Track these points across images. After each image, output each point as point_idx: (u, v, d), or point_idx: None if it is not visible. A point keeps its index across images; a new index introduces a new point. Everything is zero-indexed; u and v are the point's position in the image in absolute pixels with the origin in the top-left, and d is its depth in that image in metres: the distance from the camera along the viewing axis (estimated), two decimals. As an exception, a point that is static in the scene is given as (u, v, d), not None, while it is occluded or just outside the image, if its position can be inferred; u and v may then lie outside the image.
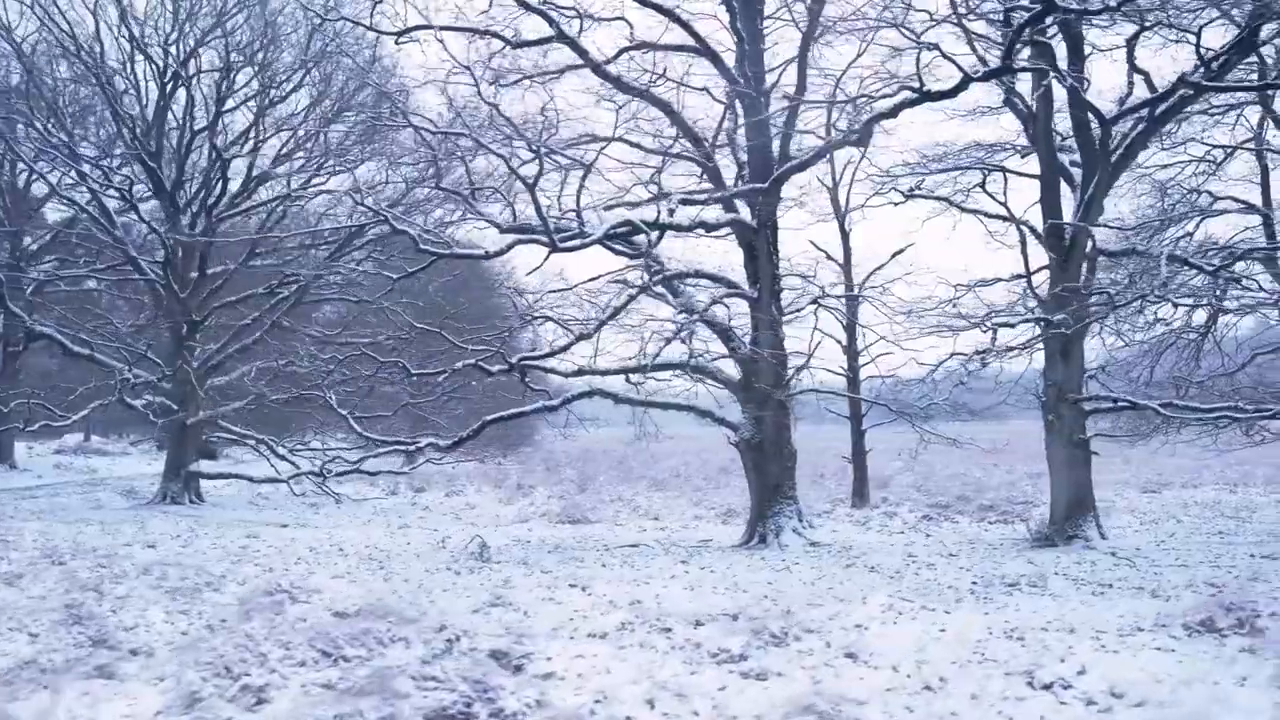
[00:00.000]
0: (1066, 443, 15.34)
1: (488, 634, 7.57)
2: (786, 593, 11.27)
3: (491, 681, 6.20)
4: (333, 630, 7.35)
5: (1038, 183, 15.93)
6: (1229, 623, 7.86)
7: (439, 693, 5.91)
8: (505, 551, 15.53)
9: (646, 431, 19.84)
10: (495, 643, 7.33)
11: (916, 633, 8.33)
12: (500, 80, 16.35)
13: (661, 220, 13.16)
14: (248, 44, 23.58)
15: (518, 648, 7.28)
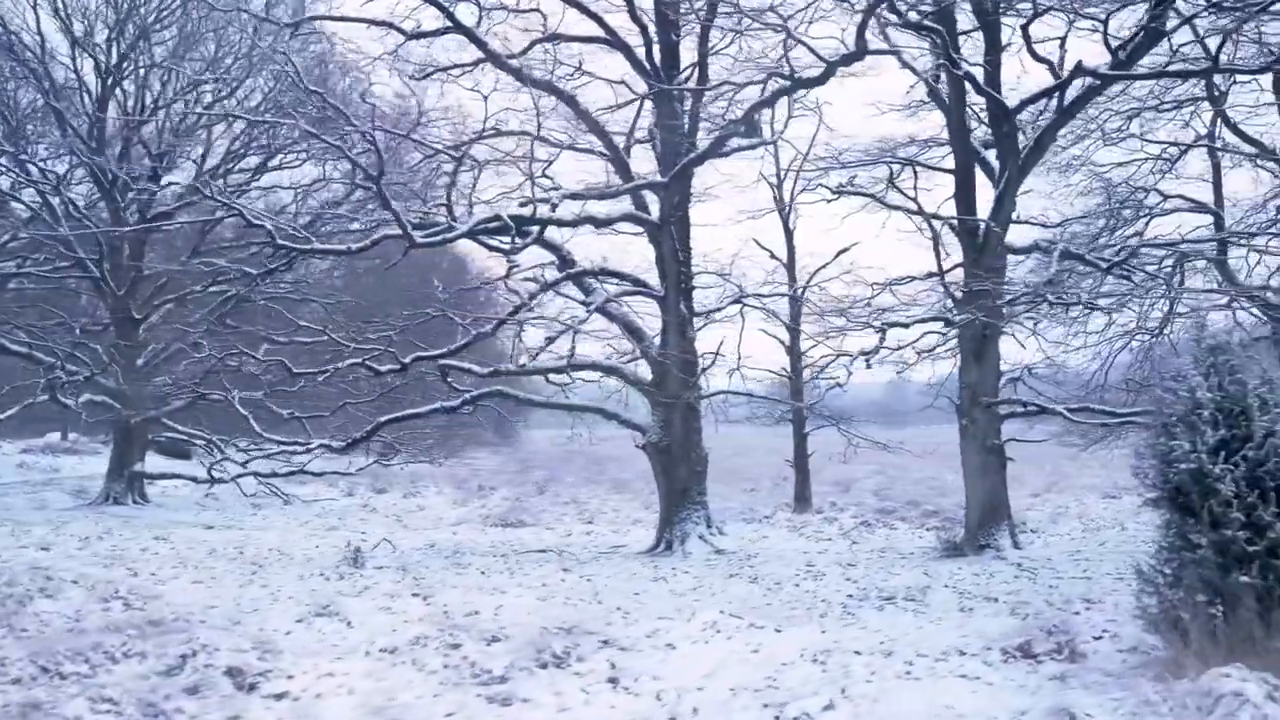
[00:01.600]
0: (980, 448, 14.75)
1: (231, 649, 7.12)
2: (646, 605, 10.80)
3: (177, 704, 5.75)
4: (67, 644, 6.94)
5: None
6: (1047, 648, 7.31)
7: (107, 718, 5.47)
8: (399, 557, 15.09)
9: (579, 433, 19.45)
10: (238, 659, 6.89)
11: (723, 654, 7.83)
12: (415, 75, 16.04)
13: (540, 216, 12.68)
14: (179, 43, 23.30)
15: (260, 664, 6.85)
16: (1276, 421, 6.72)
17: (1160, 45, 13.14)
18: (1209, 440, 6.74)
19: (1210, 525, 6.64)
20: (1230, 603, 6.60)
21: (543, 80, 15.21)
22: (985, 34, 14.74)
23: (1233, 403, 6.77)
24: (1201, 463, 6.68)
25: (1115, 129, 21.17)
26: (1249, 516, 6.54)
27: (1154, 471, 7.11)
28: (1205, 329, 7.24)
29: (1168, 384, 7.28)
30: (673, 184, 14.59)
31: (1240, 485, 6.60)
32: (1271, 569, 6.46)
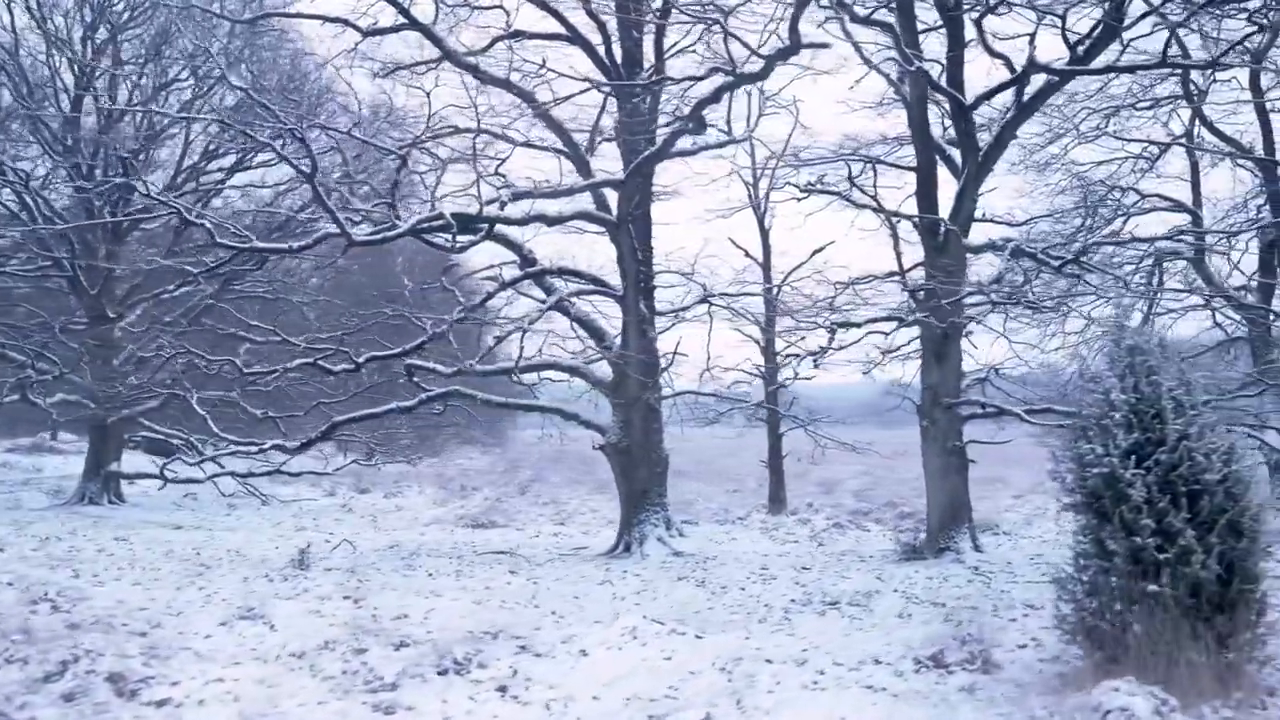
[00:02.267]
0: (941, 450, 14.52)
1: (117, 654, 6.94)
2: (584, 609, 10.61)
3: (38, 713, 5.58)
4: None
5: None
6: (960, 657, 7.10)
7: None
8: (355, 558, 14.90)
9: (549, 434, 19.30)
10: (123, 665, 6.72)
11: (634, 661, 7.64)
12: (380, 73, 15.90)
13: (487, 214, 12.49)
14: (150, 43, 23.18)
15: (145, 670, 6.67)
16: (1192, 424, 6.51)
17: (1140, 42, 12.86)
18: (1120, 444, 6.53)
19: (1122, 531, 6.43)
20: (1143, 612, 6.40)
21: (500, 78, 15.02)
22: (948, 29, 14.52)
23: (1147, 405, 6.56)
24: (1113, 467, 6.48)
25: (1093, 127, 21.08)
26: (1160, 522, 6.33)
27: (1070, 475, 6.91)
28: (1124, 329, 6.99)
29: (1085, 385, 7.06)
30: (629, 182, 14.39)
31: (1152, 490, 6.38)
32: (1182, 577, 6.24)
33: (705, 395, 16.32)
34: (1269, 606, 6.51)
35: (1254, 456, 6.86)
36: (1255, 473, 6.63)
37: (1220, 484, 6.34)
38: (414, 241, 15.37)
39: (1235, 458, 6.42)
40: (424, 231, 12.28)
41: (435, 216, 11.98)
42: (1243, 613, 6.32)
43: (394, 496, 29.96)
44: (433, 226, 12.32)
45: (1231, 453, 6.42)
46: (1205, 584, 6.21)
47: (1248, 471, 6.49)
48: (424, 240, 13.38)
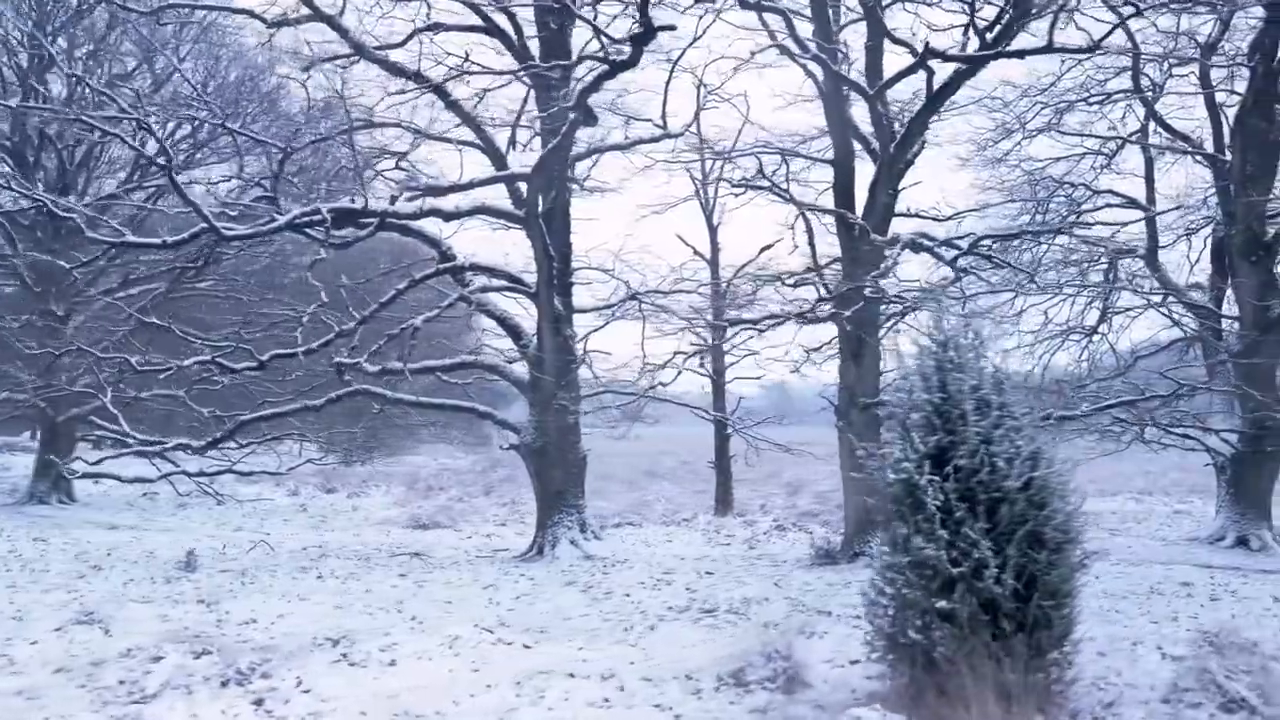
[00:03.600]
0: (855, 451, 14.05)
1: None
2: (451, 614, 10.23)
3: None
4: None
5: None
6: (763, 675, 6.67)
7: None
8: (260, 559, 14.58)
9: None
10: None
11: (437, 673, 7.30)
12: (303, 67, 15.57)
13: (373, 209, 12.10)
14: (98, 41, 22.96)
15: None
16: (999, 426, 6.06)
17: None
18: (919, 447, 6.10)
19: (919, 542, 6.00)
20: (943, 630, 5.96)
21: (410, 70, 14.65)
22: (867, 21, 14.07)
23: (951, 405, 6.12)
24: (909, 472, 6.05)
25: (1046, 122, 20.56)
26: (956, 533, 5.89)
27: (881, 481, 6.49)
28: (941, 321, 6.53)
29: (899, 383, 6.64)
30: (535, 177, 13.99)
31: (950, 498, 5.95)
32: (975, 593, 5.80)
33: (627, 394, 15.88)
34: (1075, 624, 6.07)
35: (1072, 460, 6.32)
36: (1068, 480, 6.17)
37: (1021, 491, 5.89)
38: (404, 238, 15.06)
39: (1042, 462, 5.97)
40: (303, 227, 11.93)
41: (312, 211, 11.62)
42: (1045, 631, 5.88)
43: (356, 496, 29.70)
44: (313, 221, 11.98)
45: (1036, 457, 5.97)
46: (1000, 600, 5.77)
47: (1057, 478, 6.03)
48: (307, 235, 13.02)
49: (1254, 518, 15.59)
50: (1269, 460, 15.69)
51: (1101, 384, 19.29)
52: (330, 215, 11.42)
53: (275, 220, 11.68)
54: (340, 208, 11.92)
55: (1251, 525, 15.55)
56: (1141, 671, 6.96)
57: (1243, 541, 15.54)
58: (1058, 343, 21.17)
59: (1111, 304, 20.78)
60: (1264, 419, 15.33)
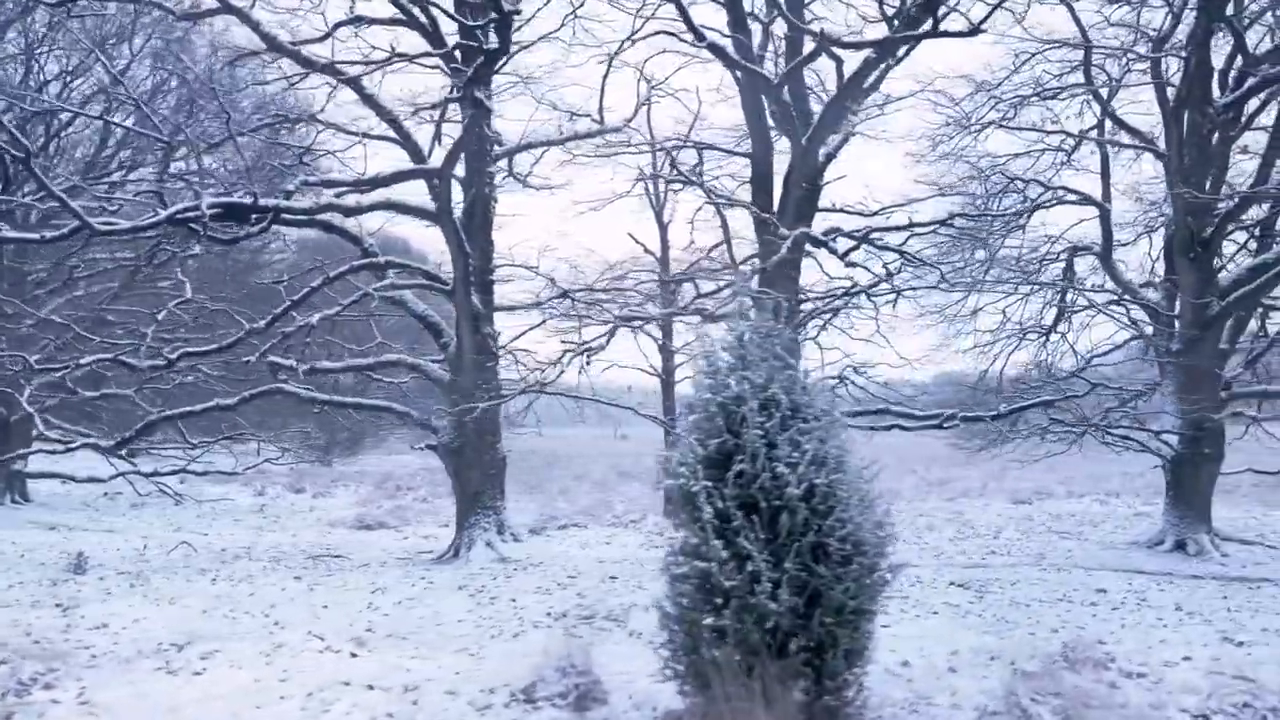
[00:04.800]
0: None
1: None
2: (321, 620, 9.95)
3: None
4: None
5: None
6: (554, 691, 6.33)
7: None
8: (169, 562, 14.35)
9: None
10: None
11: (240, 682, 6.96)
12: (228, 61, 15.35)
13: (264, 204, 11.80)
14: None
15: None
16: (788, 428, 5.71)
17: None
18: (698, 451, 5.75)
19: (694, 553, 5.66)
20: (721, 648, 5.61)
21: (324, 64, 14.36)
22: (768, 7, 13.70)
23: (736, 405, 5.76)
24: (685, 478, 5.70)
25: (1001, 116, 20.13)
26: (731, 544, 5.54)
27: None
28: (743, 318, 6.15)
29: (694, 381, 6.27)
30: (444, 171, 13.68)
31: (729, 506, 5.60)
32: (749, 609, 5.44)
33: (552, 394, 15.54)
34: (866, 644, 5.70)
35: (875, 466, 5.97)
36: (867, 488, 5.80)
37: (804, 500, 5.54)
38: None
39: (827, 468, 5.61)
40: (184, 222, 11.65)
41: (192, 207, 11.33)
42: (832, 651, 5.52)
43: (321, 496, 29.56)
44: (193, 217, 11.66)
45: (822, 462, 5.61)
46: (776, 617, 5.41)
47: (848, 485, 5.67)
48: (188, 229, 12.73)
49: (1193, 521, 15.14)
50: (1209, 463, 15.24)
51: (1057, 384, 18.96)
52: (211, 210, 11.13)
53: (159, 213, 11.39)
54: (227, 203, 11.65)
55: (1190, 529, 15.10)
56: (954, 692, 6.59)
57: (1181, 546, 15.10)
58: (1014, 342, 20.82)
59: (1069, 303, 20.38)
60: (1202, 420, 14.91)
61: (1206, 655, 8.06)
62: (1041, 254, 20.19)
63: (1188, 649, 8.32)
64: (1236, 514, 21.41)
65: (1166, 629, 9.36)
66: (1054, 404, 14.44)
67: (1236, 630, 9.20)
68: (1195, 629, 9.33)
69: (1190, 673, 7.51)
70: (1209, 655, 8.05)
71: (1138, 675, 7.33)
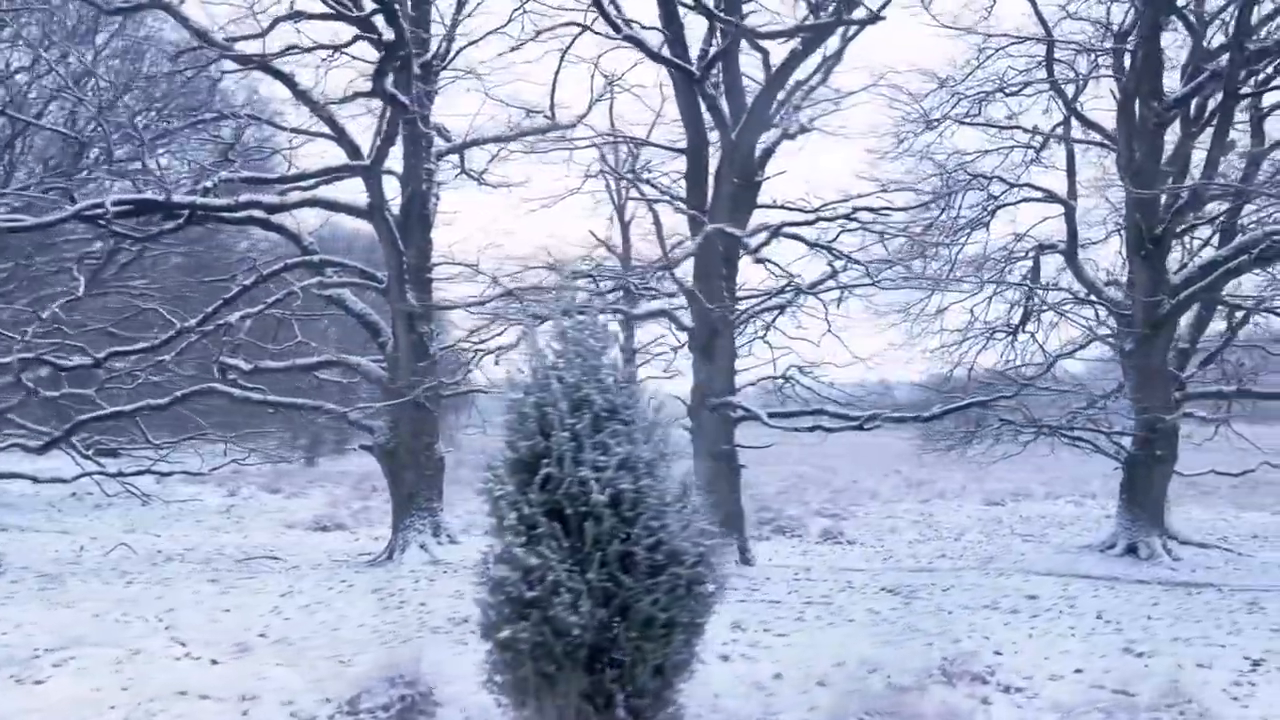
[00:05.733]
0: (707, 455, 13.42)
1: None
2: (219, 623, 9.75)
3: None
4: None
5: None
6: (379, 702, 6.07)
7: None
8: (95, 564, 14.17)
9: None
10: None
11: (70, 693, 6.73)
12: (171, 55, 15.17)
13: (178, 201, 11.59)
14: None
15: None
16: (600, 429, 5.42)
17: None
18: (508, 454, 5.48)
19: (508, 559, 5.39)
20: (526, 659, 5.33)
21: (256, 59, 14.14)
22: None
23: (548, 406, 5.48)
24: (492, 481, 5.44)
25: (964, 113, 19.76)
26: (533, 552, 5.26)
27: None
28: (567, 313, 5.86)
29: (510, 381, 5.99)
30: (375, 168, 13.45)
31: (536, 512, 5.32)
32: (549, 622, 5.15)
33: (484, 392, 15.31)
34: (684, 660, 5.40)
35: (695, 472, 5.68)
36: (686, 496, 5.52)
37: (611, 506, 5.25)
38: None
39: (636, 473, 5.32)
40: (92, 219, 11.44)
41: (98, 204, 11.11)
42: (640, 667, 5.23)
43: (295, 497, 29.36)
44: (99, 214, 11.47)
45: (633, 467, 5.32)
46: (579, 630, 5.13)
47: (661, 492, 5.38)
48: (98, 225, 12.54)
49: (1145, 524, 14.77)
50: (1162, 464, 14.86)
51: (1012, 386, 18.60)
52: (119, 208, 10.93)
53: (68, 209, 11.21)
54: (136, 199, 11.44)
55: (1142, 532, 14.73)
56: (811, 708, 6.30)
57: (1132, 549, 14.73)
58: (980, 342, 20.46)
59: (1036, 302, 19.99)
60: (1154, 421, 14.54)
61: (1100, 667, 7.75)
62: (1008, 252, 19.80)
63: (1085, 661, 8.01)
64: (1208, 516, 21.02)
65: (1075, 639, 9.02)
66: (985, 405, 14.08)
67: (1146, 640, 8.86)
68: (1104, 639, 8.99)
69: (1073, 686, 7.23)
70: (1103, 667, 7.74)
71: (1015, 690, 7.04)
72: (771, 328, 14.99)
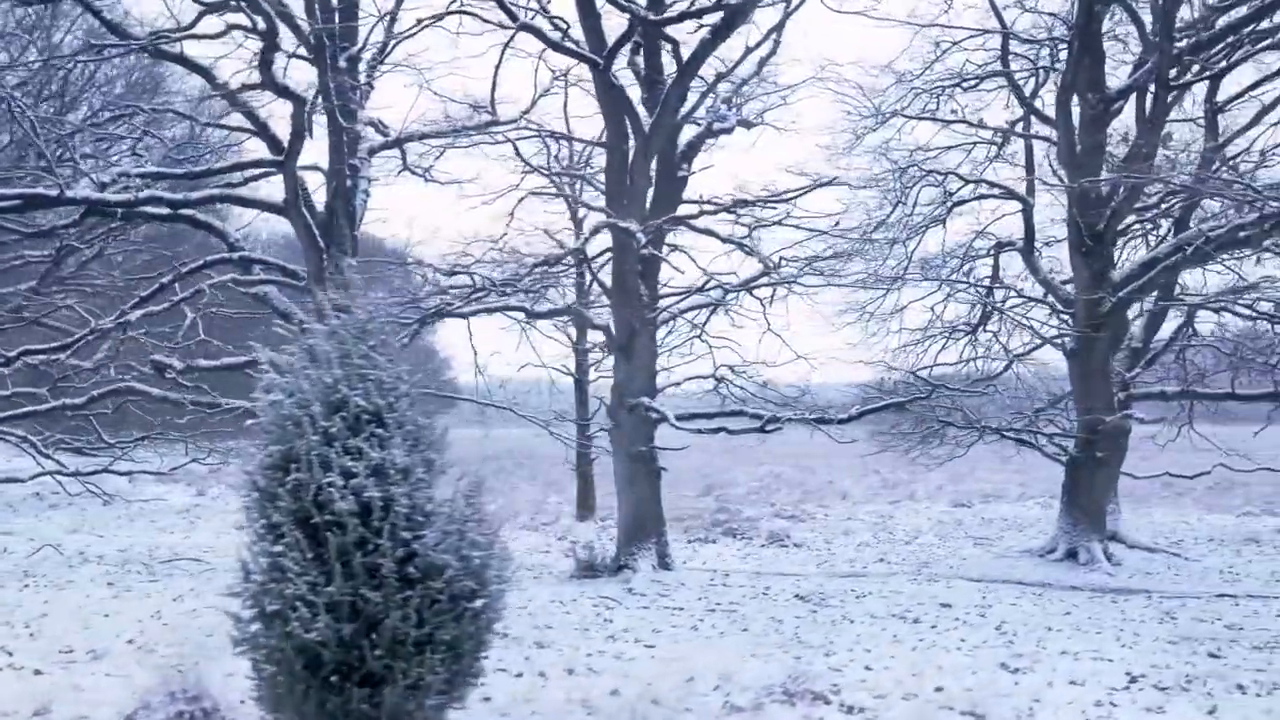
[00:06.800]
0: (626, 455, 13.07)
1: None
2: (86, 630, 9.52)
3: None
4: None
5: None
6: (158, 717, 5.76)
7: None
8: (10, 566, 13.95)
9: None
10: None
11: None
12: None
13: (71, 196, 11.32)
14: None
15: None
16: (358, 432, 5.09)
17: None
18: (262, 458, 5.16)
19: (248, 569, 5.07)
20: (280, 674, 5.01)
21: (174, 55, 13.86)
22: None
23: (301, 407, 5.15)
24: (248, 486, 5.13)
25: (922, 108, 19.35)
26: (275, 561, 4.94)
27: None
28: (341, 310, 5.51)
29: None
30: (290, 163, 13.14)
31: (285, 519, 5.00)
32: (289, 636, 4.83)
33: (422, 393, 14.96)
34: (443, 679, 5.04)
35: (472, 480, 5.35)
36: (462, 505, 5.19)
37: (359, 516, 4.92)
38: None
39: (392, 480, 4.99)
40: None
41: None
42: (391, 688, 4.89)
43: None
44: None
45: (385, 474, 4.99)
46: (319, 647, 4.80)
47: (424, 499, 5.05)
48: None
49: (1086, 528, 14.31)
50: (1103, 467, 14.41)
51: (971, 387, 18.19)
52: (3, 204, 10.68)
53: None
54: (25, 194, 11.19)
55: (1083, 537, 14.27)
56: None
57: (1072, 554, 14.29)
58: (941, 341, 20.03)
59: (993, 301, 19.54)
60: (1095, 422, 14.11)
61: (965, 685, 7.36)
62: (964, 249, 19.38)
63: (955, 677, 7.62)
64: (1171, 519, 20.54)
65: (960, 652, 8.62)
66: (901, 407, 13.66)
67: (1032, 654, 8.44)
68: (990, 652, 8.58)
69: (923, 706, 6.86)
70: (967, 685, 7.35)
71: (857, 710, 6.70)
72: (703, 327, 14.61)
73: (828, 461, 36.29)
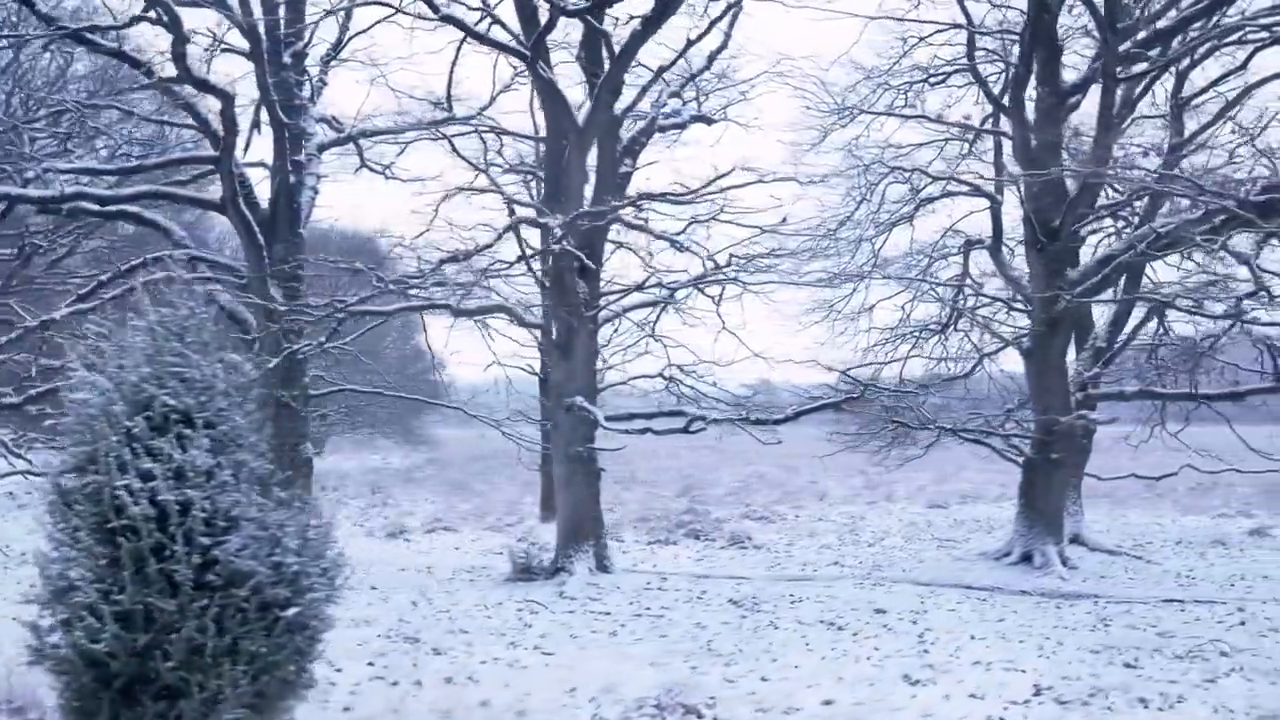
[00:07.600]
0: (564, 456, 12.83)
1: None
2: None
3: None
4: None
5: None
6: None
7: None
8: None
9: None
10: None
11: None
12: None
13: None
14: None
15: None
16: (166, 435, 4.86)
17: None
18: (65, 459, 4.94)
19: (45, 576, 4.85)
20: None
21: (112, 49, 13.71)
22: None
23: (101, 407, 4.93)
24: (49, 489, 4.91)
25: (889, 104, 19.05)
26: (69, 566, 4.72)
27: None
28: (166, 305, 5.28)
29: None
30: (225, 160, 12.98)
31: (81, 524, 4.77)
32: (76, 646, 4.60)
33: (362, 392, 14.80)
34: (245, 691, 4.80)
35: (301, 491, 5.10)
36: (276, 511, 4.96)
37: (155, 521, 4.70)
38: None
39: (193, 482, 4.75)
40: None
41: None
42: (188, 702, 4.65)
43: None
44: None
45: (185, 476, 4.76)
46: (104, 658, 4.57)
47: (226, 505, 4.81)
48: None
49: (1042, 531, 13.99)
50: (1060, 468, 14.10)
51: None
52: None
53: None
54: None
55: (1039, 540, 13.96)
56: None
57: (1028, 557, 13.98)
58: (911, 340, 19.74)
59: (963, 299, 19.24)
60: (1050, 423, 13.80)
61: (852, 699, 7.08)
62: (932, 246, 19.08)
63: (850, 690, 7.34)
64: (1144, 520, 20.19)
65: (869, 663, 8.32)
66: (837, 407, 13.36)
67: (942, 665, 8.12)
68: (901, 662, 8.28)
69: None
70: (854, 700, 7.08)
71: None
72: (653, 326, 14.37)
73: (814, 462, 36.01)
